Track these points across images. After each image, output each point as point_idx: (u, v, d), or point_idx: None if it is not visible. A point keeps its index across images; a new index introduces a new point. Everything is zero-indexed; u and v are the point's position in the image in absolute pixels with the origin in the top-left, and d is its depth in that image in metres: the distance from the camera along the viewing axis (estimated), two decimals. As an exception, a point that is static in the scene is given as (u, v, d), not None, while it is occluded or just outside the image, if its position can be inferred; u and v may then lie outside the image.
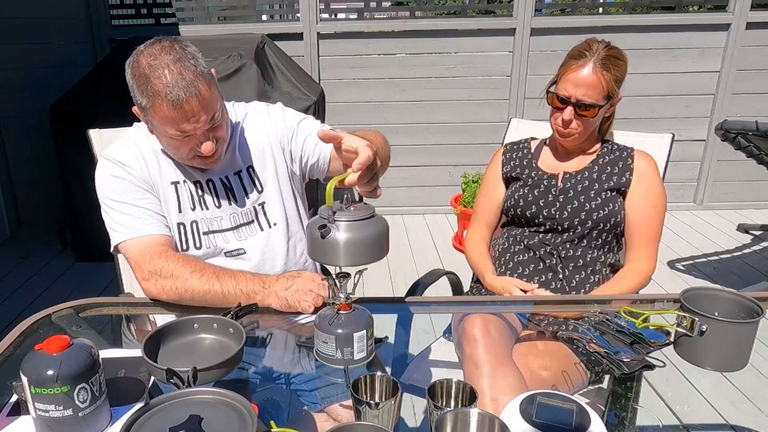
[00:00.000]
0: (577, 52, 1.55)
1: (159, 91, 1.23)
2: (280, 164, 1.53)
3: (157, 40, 1.29)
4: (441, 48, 4.09)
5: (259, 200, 1.51)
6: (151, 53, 1.26)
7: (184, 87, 1.23)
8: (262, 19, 4.50)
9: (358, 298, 1.18)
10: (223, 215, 1.47)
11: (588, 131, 1.60)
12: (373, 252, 0.97)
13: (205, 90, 1.27)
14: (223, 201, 1.47)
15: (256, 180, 1.51)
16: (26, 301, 3.07)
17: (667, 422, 1.59)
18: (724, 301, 1.12)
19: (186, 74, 1.24)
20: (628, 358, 1.13)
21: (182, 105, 1.24)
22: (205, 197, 1.46)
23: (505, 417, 0.86)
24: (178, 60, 1.25)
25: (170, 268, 1.31)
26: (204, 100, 1.27)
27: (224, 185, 1.47)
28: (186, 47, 1.29)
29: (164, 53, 1.25)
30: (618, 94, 1.57)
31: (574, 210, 1.59)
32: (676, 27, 3.98)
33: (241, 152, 1.50)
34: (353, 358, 1.02)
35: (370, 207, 1.00)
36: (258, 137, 1.52)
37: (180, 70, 1.24)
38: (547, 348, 1.40)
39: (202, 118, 1.28)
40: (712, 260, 3.53)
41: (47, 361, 0.86)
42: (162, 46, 1.26)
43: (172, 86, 1.23)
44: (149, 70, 1.25)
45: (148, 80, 1.24)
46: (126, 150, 1.45)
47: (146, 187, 1.42)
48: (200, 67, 1.28)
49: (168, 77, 1.23)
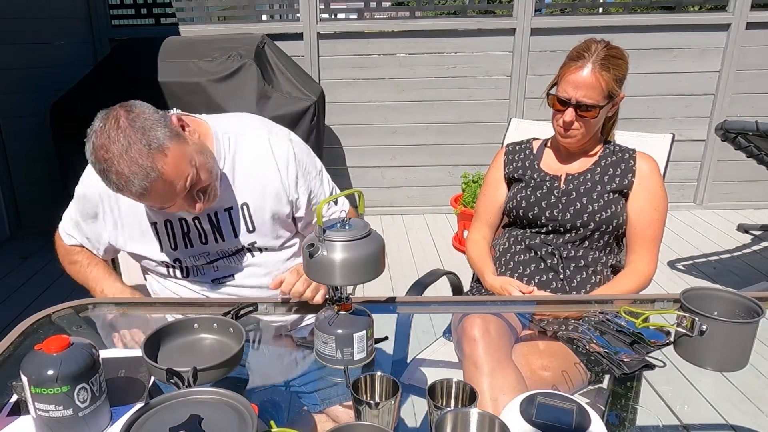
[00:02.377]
0: (576, 53, 1.55)
1: (121, 186, 1.17)
2: (280, 207, 1.44)
3: (104, 119, 1.17)
4: (441, 48, 4.09)
5: (250, 240, 1.43)
6: (101, 145, 1.15)
7: (145, 175, 1.15)
8: (262, 19, 4.50)
9: (358, 299, 1.18)
10: (209, 251, 1.42)
11: (590, 132, 1.59)
12: (367, 271, 0.98)
13: (169, 165, 1.17)
14: (210, 238, 1.41)
15: (249, 220, 1.41)
16: (26, 301, 3.07)
17: (667, 422, 1.59)
18: (724, 301, 1.12)
19: (141, 160, 1.14)
20: (628, 358, 1.13)
21: (149, 192, 1.17)
22: (190, 235, 1.41)
23: (505, 417, 0.86)
24: (129, 146, 1.14)
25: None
26: (169, 177, 1.17)
27: (211, 223, 1.40)
28: (135, 120, 1.16)
29: (112, 142, 1.14)
30: (620, 93, 1.57)
31: (577, 212, 1.59)
32: (676, 27, 3.98)
33: (235, 188, 1.40)
34: (353, 358, 1.02)
35: (366, 225, 1.00)
36: (259, 177, 1.41)
37: (134, 158, 1.14)
38: (547, 348, 1.40)
39: (174, 192, 1.21)
40: (712, 260, 3.53)
41: (47, 361, 0.86)
42: (109, 134, 1.14)
43: (131, 179, 1.15)
44: (106, 165, 1.15)
45: (107, 175, 1.17)
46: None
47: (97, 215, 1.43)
48: (154, 140, 1.15)
49: (125, 171, 1.14)
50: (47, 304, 1.35)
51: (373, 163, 4.31)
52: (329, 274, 0.97)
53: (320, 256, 0.96)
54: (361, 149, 4.26)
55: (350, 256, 0.96)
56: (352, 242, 0.96)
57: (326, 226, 0.98)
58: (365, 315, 1.05)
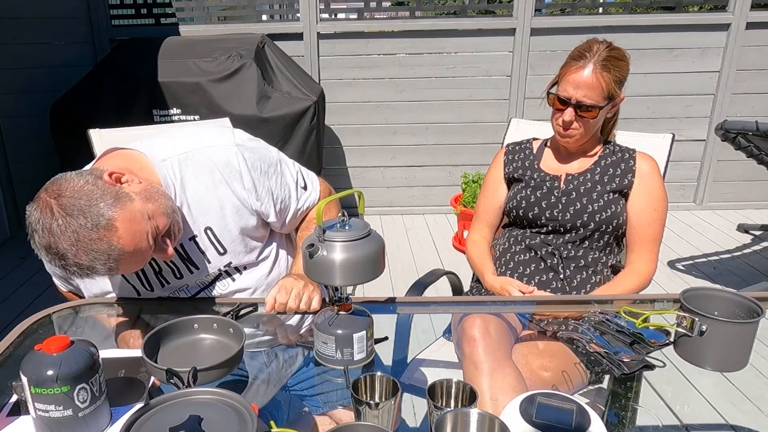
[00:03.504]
0: (578, 52, 1.55)
1: (89, 274, 1.09)
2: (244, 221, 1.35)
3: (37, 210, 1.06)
4: (441, 48, 4.09)
5: (224, 261, 1.36)
6: (48, 245, 1.05)
7: (105, 259, 1.07)
8: (262, 19, 4.50)
9: (358, 299, 1.18)
10: (188, 283, 1.37)
11: (589, 132, 1.59)
12: (367, 271, 0.98)
13: (125, 237, 1.08)
14: (184, 271, 1.34)
15: (217, 243, 1.34)
16: (26, 301, 3.07)
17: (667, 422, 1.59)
18: (724, 301, 1.12)
19: (95, 245, 1.05)
20: (628, 358, 1.13)
21: (118, 269, 1.11)
22: (162, 273, 1.34)
23: (505, 417, 0.86)
24: (76, 238, 1.04)
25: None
26: (131, 247, 1.09)
27: (181, 256, 1.32)
28: (68, 207, 1.05)
29: (56, 237, 1.04)
30: (620, 94, 1.57)
31: (577, 212, 1.59)
32: (676, 27, 3.98)
33: (194, 215, 1.31)
34: (353, 358, 1.02)
35: (366, 226, 1.00)
36: (213, 197, 1.31)
37: (87, 246, 1.05)
38: (547, 348, 1.40)
39: (141, 256, 1.14)
40: (712, 260, 3.53)
41: (47, 361, 0.86)
42: (50, 229, 1.04)
43: (95, 267, 1.07)
44: (64, 261, 1.06)
45: (69, 270, 1.07)
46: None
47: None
48: (98, 218, 1.06)
49: (84, 262, 1.06)
50: (47, 304, 1.35)
51: (373, 163, 4.31)
52: (329, 275, 0.97)
53: (320, 257, 0.96)
54: (361, 149, 4.27)
55: (350, 257, 0.96)
56: (352, 242, 0.96)
57: (326, 226, 0.98)
58: (365, 315, 1.05)
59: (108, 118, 2.12)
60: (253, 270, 1.42)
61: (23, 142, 3.92)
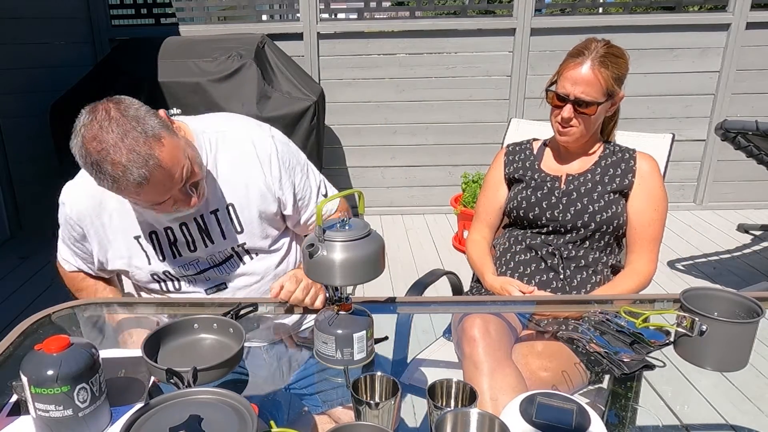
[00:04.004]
0: (576, 50, 1.56)
1: (118, 177, 1.11)
2: (266, 205, 1.40)
3: (93, 111, 1.12)
4: (441, 48, 4.09)
5: (239, 241, 1.40)
6: (93, 136, 1.10)
7: (143, 163, 1.10)
8: (262, 19, 4.50)
9: (358, 299, 1.18)
10: (199, 257, 1.39)
11: (589, 130, 1.59)
12: (367, 271, 0.98)
13: (166, 153, 1.13)
14: (199, 244, 1.37)
15: (236, 220, 1.38)
16: (26, 301, 3.07)
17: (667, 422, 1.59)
18: (724, 301, 1.12)
19: (139, 148, 1.10)
20: (628, 358, 1.13)
21: (148, 181, 1.12)
22: (177, 244, 1.37)
23: (505, 417, 0.86)
24: (125, 134, 1.10)
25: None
26: (168, 164, 1.14)
27: (199, 227, 1.36)
28: (126, 111, 1.12)
29: (105, 131, 1.10)
30: (619, 92, 1.57)
31: (577, 212, 1.59)
32: (676, 27, 3.98)
33: (220, 188, 1.36)
34: (353, 358, 1.02)
35: (366, 225, 1.00)
36: (242, 176, 1.37)
37: (131, 145, 1.10)
38: (547, 348, 1.40)
39: (172, 182, 1.17)
40: (712, 260, 3.53)
41: (47, 361, 0.86)
42: (101, 123, 1.10)
43: (130, 168, 1.10)
44: (99, 156, 1.10)
45: (102, 167, 1.11)
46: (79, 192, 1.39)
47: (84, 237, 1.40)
48: (149, 128, 1.12)
49: (123, 160, 1.09)
50: (47, 304, 1.35)
51: (373, 163, 4.31)
52: (329, 274, 0.97)
53: (320, 256, 0.96)
54: (361, 149, 4.27)
55: (350, 256, 0.96)
56: (352, 242, 0.96)
57: (326, 226, 0.98)
58: (365, 315, 1.05)
59: (108, 118, 2.12)
60: (264, 257, 1.45)
61: (23, 142, 3.92)
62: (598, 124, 1.62)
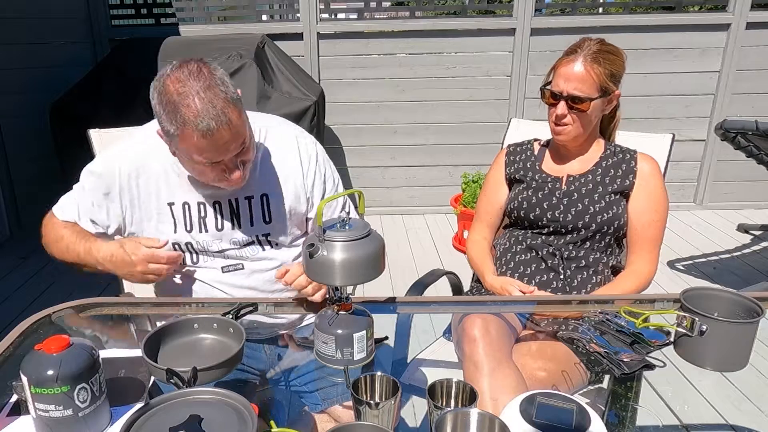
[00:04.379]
0: (570, 48, 1.57)
1: (189, 120, 1.16)
2: (297, 204, 1.45)
3: (184, 63, 1.21)
4: (441, 48, 4.09)
5: (264, 230, 1.43)
6: (178, 78, 1.18)
7: (215, 116, 1.17)
8: (262, 19, 4.50)
9: (358, 299, 1.18)
10: (222, 237, 1.41)
11: (584, 127, 1.59)
12: (367, 271, 0.98)
13: (236, 117, 1.21)
14: (226, 224, 1.41)
15: (267, 211, 1.43)
16: (26, 301, 3.07)
17: (667, 422, 1.59)
18: (724, 301, 1.12)
19: (216, 102, 1.18)
20: (628, 358, 1.13)
21: (213, 134, 1.18)
22: (206, 220, 1.40)
23: (505, 417, 0.86)
24: (208, 87, 1.18)
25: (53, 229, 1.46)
26: (234, 129, 1.21)
27: (231, 209, 1.40)
28: (214, 71, 1.21)
29: (192, 79, 1.18)
30: (615, 89, 1.57)
31: (578, 213, 1.59)
32: (676, 27, 3.98)
33: (258, 177, 1.41)
34: (353, 358, 1.02)
35: (366, 225, 1.00)
36: (282, 170, 1.44)
37: (210, 98, 1.17)
38: (547, 348, 1.40)
39: (231, 146, 1.22)
40: (712, 260, 3.53)
41: (47, 361, 0.86)
42: (189, 71, 1.19)
43: (202, 115, 1.16)
44: (178, 97, 1.17)
45: (177, 108, 1.17)
46: (120, 155, 1.40)
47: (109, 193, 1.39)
48: (230, 93, 1.21)
49: (198, 106, 1.17)
50: (47, 304, 1.34)
51: (373, 163, 4.31)
52: (329, 274, 0.97)
53: (320, 256, 0.96)
54: (361, 149, 4.26)
55: (350, 256, 0.96)
56: (352, 242, 0.96)
57: (326, 226, 0.98)
58: (365, 315, 1.05)
59: (108, 118, 2.11)
60: (283, 250, 1.48)
61: (23, 142, 3.92)
62: (595, 123, 1.62)
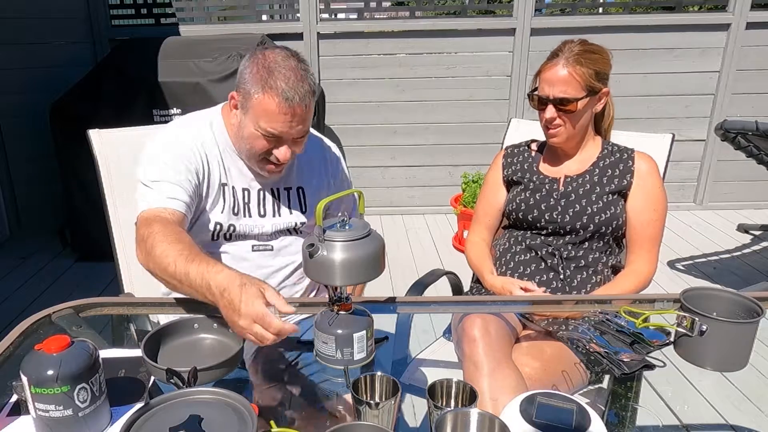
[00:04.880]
0: (552, 53, 1.59)
1: (277, 86, 1.29)
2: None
3: (284, 48, 1.37)
4: (441, 48, 4.09)
5: (301, 220, 1.53)
6: (279, 54, 1.33)
7: (301, 93, 1.31)
8: (262, 19, 4.50)
9: (358, 299, 1.18)
10: (264, 224, 1.50)
11: (577, 128, 1.59)
12: (367, 271, 0.98)
13: (311, 106, 1.35)
14: (268, 211, 1.51)
15: (304, 202, 1.54)
16: (26, 301, 3.07)
17: (667, 422, 1.59)
18: (724, 301, 1.12)
19: (304, 85, 1.32)
20: (628, 358, 1.13)
21: (292, 106, 1.30)
22: (250, 205, 1.49)
23: (505, 417, 0.86)
24: (297, 69, 1.32)
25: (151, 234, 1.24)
26: (306, 113, 1.34)
27: (273, 196, 1.51)
28: (308, 65, 1.36)
29: (290, 60, 1.33)
30: (603, 88, 1.57)
31: (576, 213, 1.59)
32: (676, 27, 3.98)
33: (296, 171, 1.54)
34: (353, 358, 1.02)
35: (366, 225, 1.00)
36: (314, 168, 1.57)
37: (301, 78, 1.32)
38: (547, 348, 1.40)
39: (297, 127, 1.34)
40: (712, 260, 3.53)
41: (47, 361, 0.86)
42: (288, 54, 1.35)
43: (290, 87, 1.30)
44: (275, 65, 1.31)
45: (270, 73, 1.30)
46: (194, 129, 1.46)
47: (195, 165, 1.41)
48: (314, 86, 1.35)
49: (291, 79, 1.30)
50: (47, 304, 1.34)
51: (373, 163, 4.31)
52: (329, 274, 0.97)
53: (320, 256, 0.96)
54: (361, 149, 4.26)
55: (350, 256, 0.96)
56: (352, 242, 0.96)
57: (326, 226, 0.98)
58: (365, 315, 1.05)
59: (108, 118, 2.12)
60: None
61: (23, 142, 3.92)
62: (587, 122, 1.62)
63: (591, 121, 1.64)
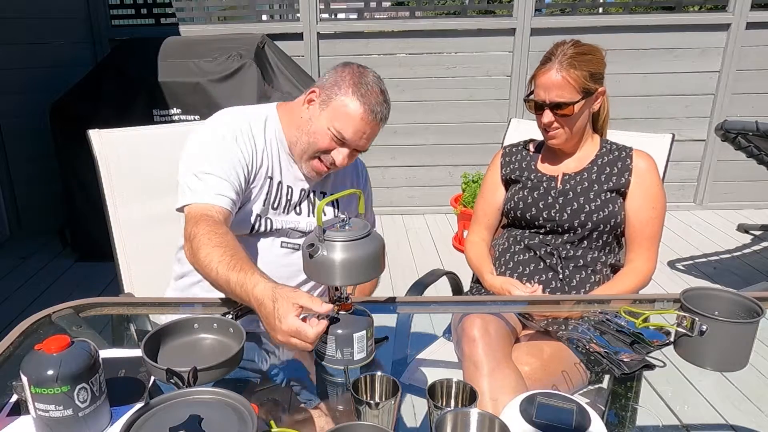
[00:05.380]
0: (545, 56, 1.57)
1: (363, 95, 1.39)
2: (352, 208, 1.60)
3: (373, 73, 1.48)
4: (441, 48, 4.09)
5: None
6: (372, 74, 1.45)
7: (381, 114, 1.43)
8: (262, 19, 4.50)
9: (358, 299, 1.18)
10: (300, 221, 1.54)
11: (576, 129, 1.59)
12: (367, 271, 0.98)
13: (378, 127, 1.46)
14: (304, 211, 1.56)
15: (336, 208, 1.60)
16: (26, 301, 3.07)
17: (667, 422, 1.59)
18: (724, 301, 1.12)
19: (384, 108, 1.44)
20: (628, 358, 1.13)
21: (370, 121, 1.40)
22: (290, 203, 1.53)
23: (505, 417, 0.86)
24: (386, 99, 1.46)
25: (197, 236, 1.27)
26: (374, 132, 1.45)
27: (311, 199, 1.57)
28: (388, 97, 1.47)
29: (380, 84, 1.45)
30: (598, 87, 1.57)
31: (574, 212, 1.59)
32: (676, 27, 3.98)
33: (335, 179, 1.61)
34: (353, 358, 1.02)
35: (366, 225, 1.00)
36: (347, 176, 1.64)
37: (383, 101, 1.43)
38: (547, 348, 1.40)
39: (362, 141, 1.43)
40: (712, 260, 3.53)
41: (47, 361, 0.86)
42: (379, 79, 1.47)
43: (374, 103, 1.41)
44: (369, 81, 1.42)
45: (360, 83, 1.40)
46: (245, 123, 1.48)
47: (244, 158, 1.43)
48: (387, 114, 1.46)
49: (379, 99, 1.42)
50: (47, 304, 1.34)
51: (373, 163, 4.29)
52: (329, 274, 0.97)
53: (320, 256, 0.96)
54: (361, 149, 4.26)
55: (350, 256, 0.96)
56: (352, 242, 0.96)
57: (326, 226, 0.98)
58: (365, 315, 1.05)
59: (108, 118, 2.12)
60: None
61: (23, 142, 3.92)
62: (585, 122, 1.62)
63: (589, 120, 1.64)
